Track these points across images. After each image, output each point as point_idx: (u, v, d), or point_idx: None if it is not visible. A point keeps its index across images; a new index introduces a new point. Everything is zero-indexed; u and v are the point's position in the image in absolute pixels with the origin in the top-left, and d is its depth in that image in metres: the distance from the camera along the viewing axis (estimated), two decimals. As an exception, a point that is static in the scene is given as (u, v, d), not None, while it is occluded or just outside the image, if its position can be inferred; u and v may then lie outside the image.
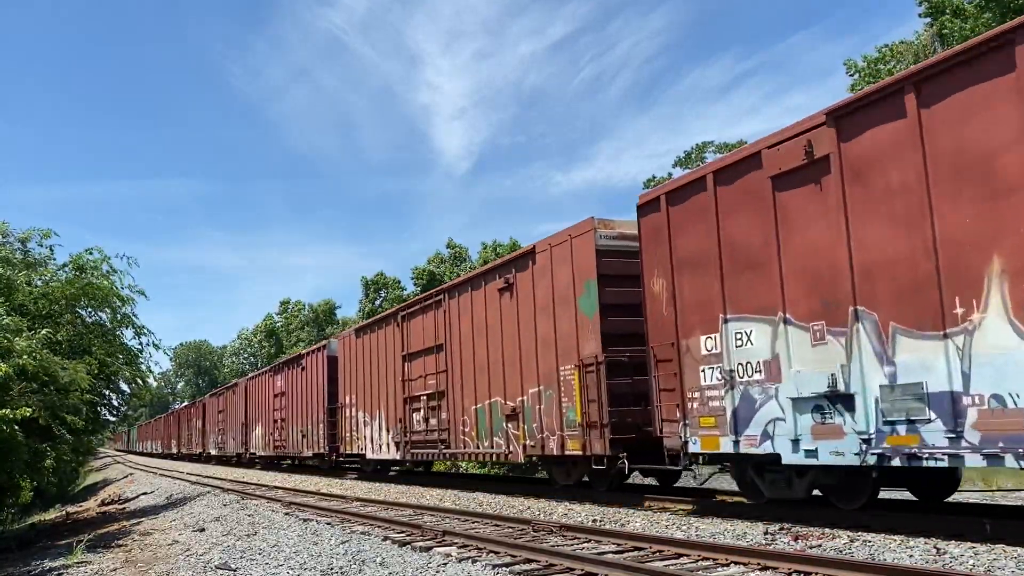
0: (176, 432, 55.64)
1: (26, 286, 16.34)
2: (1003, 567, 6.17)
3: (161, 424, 67.27)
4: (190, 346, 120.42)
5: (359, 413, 21.59)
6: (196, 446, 46.64)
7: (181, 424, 53.68)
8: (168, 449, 59.51)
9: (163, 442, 63.00)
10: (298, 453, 27.26)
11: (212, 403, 42.87)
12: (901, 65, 24.93)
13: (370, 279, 52.20)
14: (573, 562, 7.31)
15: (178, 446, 53.87)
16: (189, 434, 48.83)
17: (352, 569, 8.04)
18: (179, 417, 55.34)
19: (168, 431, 60.86)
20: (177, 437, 54.47)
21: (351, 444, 22.05)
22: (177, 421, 55.91)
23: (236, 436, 36.15)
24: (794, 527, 8.67)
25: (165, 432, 62.60)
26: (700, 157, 44.41)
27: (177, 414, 56.53)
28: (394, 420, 19.19)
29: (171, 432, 58.46)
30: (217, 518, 13.91)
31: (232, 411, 37.67)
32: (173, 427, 57.91)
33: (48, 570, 10.89)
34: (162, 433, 64.61)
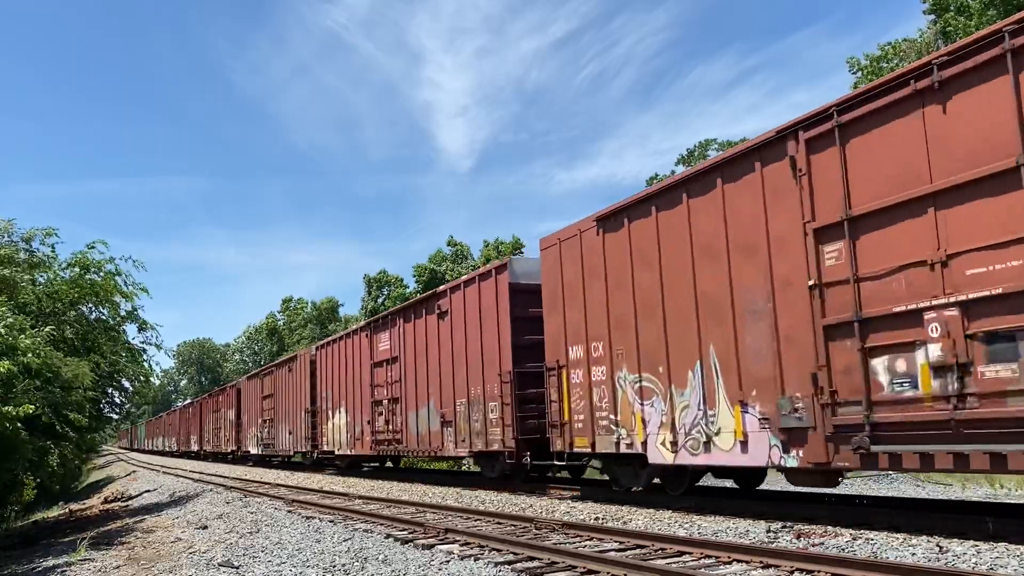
0: (197, 427, 48.92)
1: (31, 285, 16.37)
2: (1005, 565, 6.16)
3: (176, 418, 59.74)
4: (193, 344, 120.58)
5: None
6: (227, 442, 38.83)
7: (205, 416, 46.41)
8: (185, 447, 52.65)
9: (179, 438, 56.02)
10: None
11: (252, 387, 34.94)
12: (904, 63, 24.84)
13: (373, 277, 52.25)
14: (575, 560, 7.31)
15: (199, 443, 47.14)
16: (217, 428, 42.28)
17: (355, 567, 8.04)
18: (201, 409, 47.71)
19: (186, 426, 53.85)
20: (199, 432, 47.87)
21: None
22: (199, 413, 48.47)
23: (293, 430, 29.35)
24: (796, 525, 8.67)
25: (181, 427, 55.56)
26: (703, 154, 44.36)
27: (199, 404, 48.70)
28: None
29: (191, 427, 51.62)
30: (220, 516, 13.93)
31: (289, 397, 30.47)
32: (192, 421, 50.93)
33: (52, 567, 10.92)
34: (177, 428, 57.71)
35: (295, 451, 27.68)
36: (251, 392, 34.35)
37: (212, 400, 43.19)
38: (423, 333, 17.85)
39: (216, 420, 41.20)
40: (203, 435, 44.75)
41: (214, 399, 42.60)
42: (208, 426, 43.84)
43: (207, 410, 44.30)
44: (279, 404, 29.97)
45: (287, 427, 28.73)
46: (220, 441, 39.72)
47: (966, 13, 22.76)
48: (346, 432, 22.72)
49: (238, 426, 35.59)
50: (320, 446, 25.11)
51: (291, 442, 28.11)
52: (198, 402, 47.45)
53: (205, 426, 44.52)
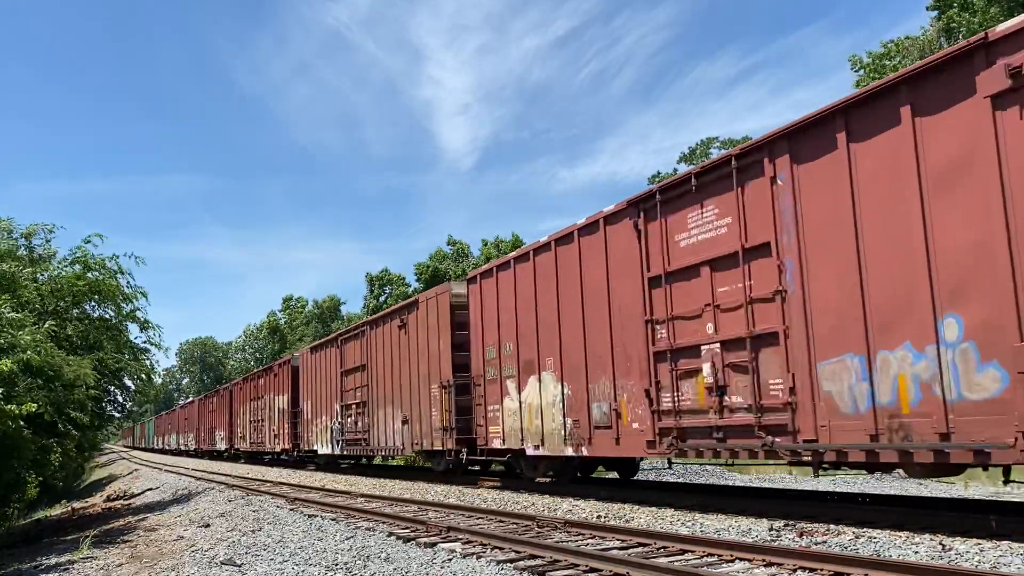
0: (224, 420, 38.55)
1: (32, 282, 16.36)
2: (1009, 563, 6.15)
3: (195, 410, 48.72)
4: (195, 343, 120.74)
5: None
6: (280, 440, 29.67)
7: (237, 406, 36.38)
8: (210, 445, 42.20)
9: (201, 436, 45.78)
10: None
11: (313, 360, 26.58)
12: (907, 61, 24.79)
13: (375, 275, 52.28)
14: (577, 558, 7.30)
15: (228, 440, 37.69)
16: (259, 421, 32.39)
17: (357, 565, 8.04)
18: (232, 397, 37.62)
19: (208, 419, 43.36)
20: (227, 428, 37.96)
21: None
22: (228, 402, 38.25)
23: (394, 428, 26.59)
24: (799, 523, 8.66)
25: (204, 421, 45.09)
26: (705, 153, 44.33)
27: (228, 392, 38.99)
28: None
29: (215, 420, 40.94)
30: (222, 514, 13.94)
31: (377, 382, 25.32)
32: (218, 413, 40.34)
33: (54, 565, 10.93)
34: (196, 423, 48.08)
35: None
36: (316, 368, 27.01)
37: (250, 385, 34.91)
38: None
39: (257, 410, 33.46)
40: (234, 430, 37.21)
41: (251, 383, 34.84)
42: (243, 419, 35.57)
43: (243, 398, 35.62)
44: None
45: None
46: (265, 437, 32.05)
47: (970, 10, 22.70)
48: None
49: (294, 417, 28.43)
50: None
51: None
52: (225, 390, 40.27)
53: (237, 419, 36.61)
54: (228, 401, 37.48)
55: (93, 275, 17.34)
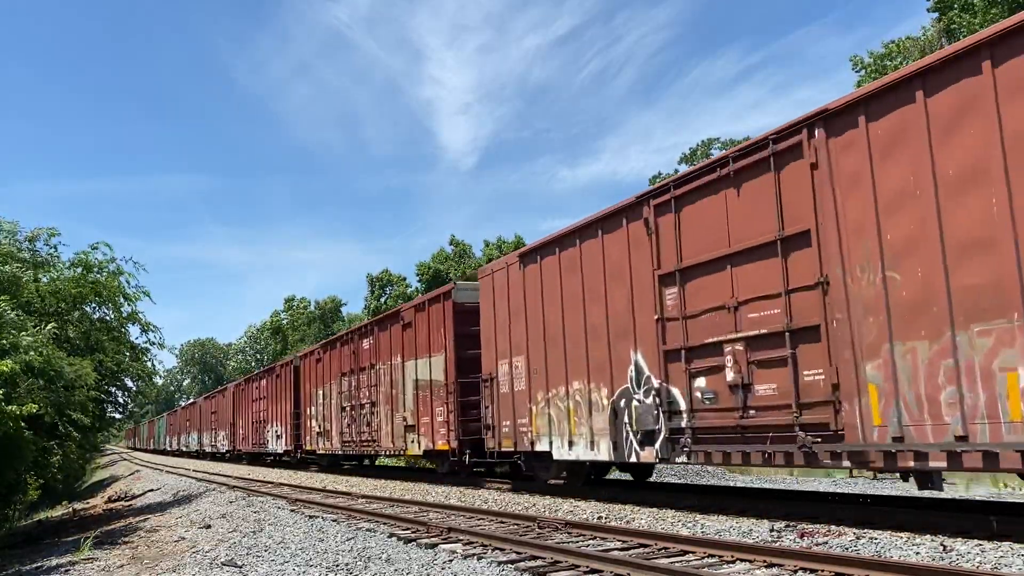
0: (285, 412, 28.54)
1: (33, 284, 16.39)
2: (1010, 564, 6.15)
3: (225, 400, 39.86)
4: (196, 343, 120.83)
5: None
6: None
7: (280, 391, 29.25)
8: (258, 445, 32.53)
9: (235, 434, 37.32)
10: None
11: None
12: (908, 61, 24.79)
13: (375, 276, 52.31)
14: (578, 559, 7.30)
15: (288, 437, 27.93)
16: (326, 413, 24.51)
17: (358, 566, 8.04)
18: (278, 381, 29.77)
19: (248, 412, 34.37)
20: (288, 423, 28.00)
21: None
22: (271, 387, 30.64)
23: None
24: (800, 524, 8.66)
25: (239, 415, 36.54)
26: (705, 153, 44.33)
27: (273, 374, 30.77)
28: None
29: (275, 413, 30.32)
30: (223, 515, 13.94)
31: None
32: (265, 403, 31.40)
33: (55, 566, 10.93)
34: (222, 418, 40.74)
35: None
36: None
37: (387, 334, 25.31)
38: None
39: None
40: (306, 426, 26.83)
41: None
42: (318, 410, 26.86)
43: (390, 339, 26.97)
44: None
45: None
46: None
47: (970, 11, 22.69)
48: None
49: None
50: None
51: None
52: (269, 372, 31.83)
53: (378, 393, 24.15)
54: (287, 385, 28.77)
55: (94, 276, 17.37)
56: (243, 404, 36.10)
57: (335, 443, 23.58)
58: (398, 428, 19.09)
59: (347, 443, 22.46)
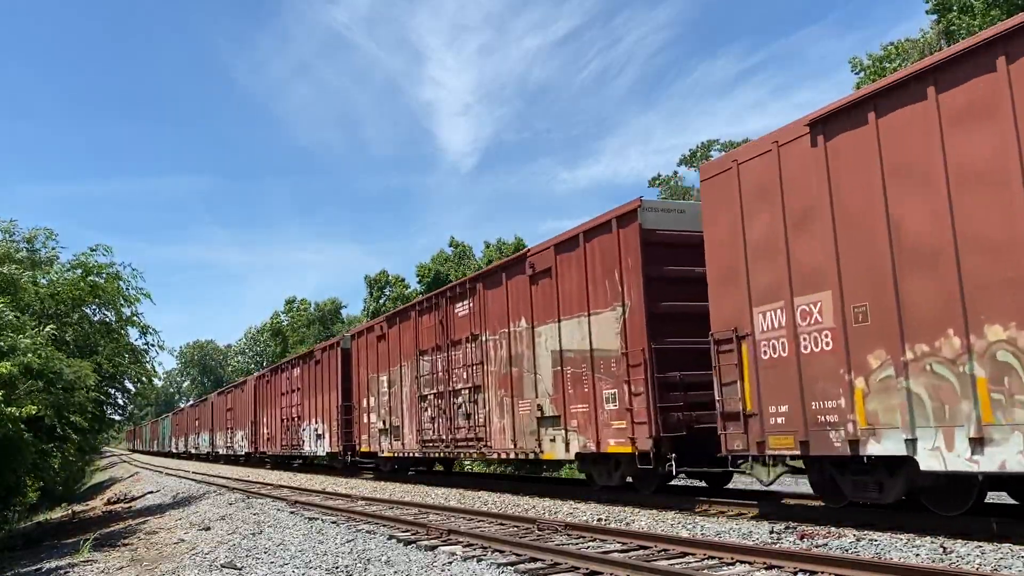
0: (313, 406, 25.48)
1: (32, 286, 16.38)
2: (1009, 566, 6.14)
3: (244, 395, 35.77)
4: (195, 345, 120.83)
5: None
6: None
7: (321, 381, 24.88)
8: (291, 446, 27.92)
9: (256, 433, 33.15)
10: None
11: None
12: (907, 63, 24.82)
13: (374, 277, 52.31)
14: (578, 561, 7.30)
15: (334, 437, 23.24)
16: (394, 405, 19.49)
17: (357, 568, 8.04)
18: (317, 368, 25.40)
19: (275, 408, 30.18)
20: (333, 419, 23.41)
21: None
22: (308, 377, 26.23)
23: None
24: (800, 526, 8.65)
25: (263, 411, 32.38)
26: (705, 155, 44.37)
27: (310, 361, 26.36)
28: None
29: (291, 411, 27.82)
30: (223, 517, 13.93)
31: None
32: (299, 396, 27.02)
33: (55, 568, 10.93)
34: (240, 415, 36.45)
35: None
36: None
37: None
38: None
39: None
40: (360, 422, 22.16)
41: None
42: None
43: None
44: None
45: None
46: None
47: (969, 13, 22.69)
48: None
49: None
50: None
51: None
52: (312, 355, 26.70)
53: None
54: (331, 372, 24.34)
55: (94, 279, 17.38)
56: (268, 399, 31.52)
57: (410, 443, 18.44)
58: (524, 421, 13.79)
59: (430, 443, 17.37)
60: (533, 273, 13.71)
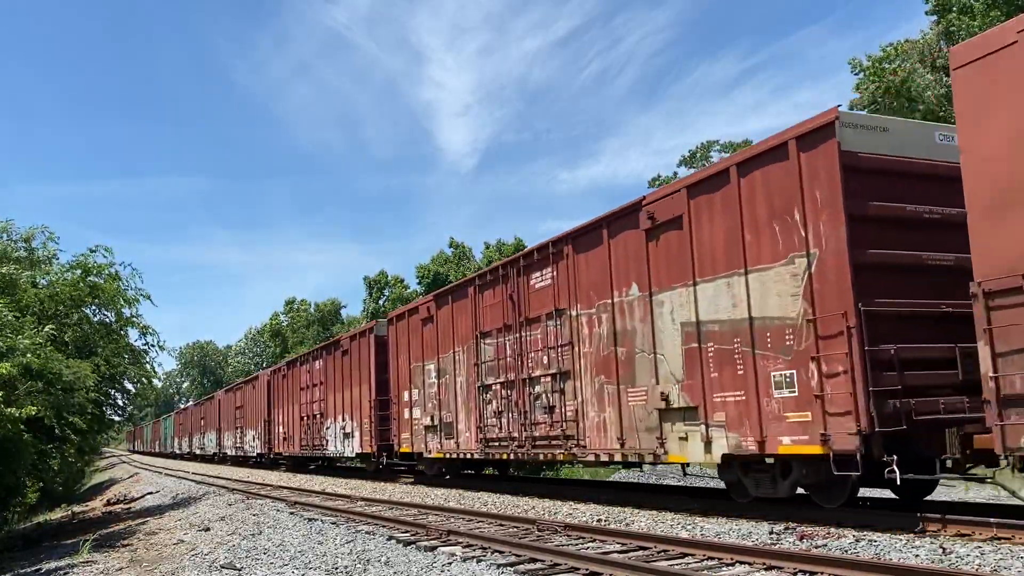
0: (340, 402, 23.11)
1: (31, 287, 16.38)
2: (1009, 567, 6.14)
3: (256, 391, 33.47)
4: (195, 346, 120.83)
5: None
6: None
7: (350, 373, 22.46)
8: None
9: (270, 433, 30.87)
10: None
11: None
12: (907, 64, 24.83)
13: (373, 278, 52.30)
14: (578, 561, 7.30)
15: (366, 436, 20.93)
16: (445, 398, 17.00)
17: (357, 568, 8.04)
18: (345, 360, 22.84)
19: (292, 405, 27.96)
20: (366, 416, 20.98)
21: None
22: (333, 369, 23.92)
23: None
24: (800, 526, 8.65)
25: (278, 409, 30.11)
26: (705, 156, 44.33)
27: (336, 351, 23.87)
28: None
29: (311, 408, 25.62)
30: (222, 518, 13.93)
31: None
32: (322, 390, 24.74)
33: (54, 569, 10.93)
34: (252, 413, 34.05)
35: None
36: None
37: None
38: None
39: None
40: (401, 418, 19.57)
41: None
42: None
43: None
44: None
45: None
46: None
47: (969, 13, 22.71)
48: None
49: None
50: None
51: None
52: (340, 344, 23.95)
53: None
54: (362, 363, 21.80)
55: (93, 280, 17.37)
56: (284, 394, 29.09)
57: (468, 442, 15.85)
58: (637, 414, 10.99)
59: (495, 442, 14.73)
60: (652, 226, 10.68)
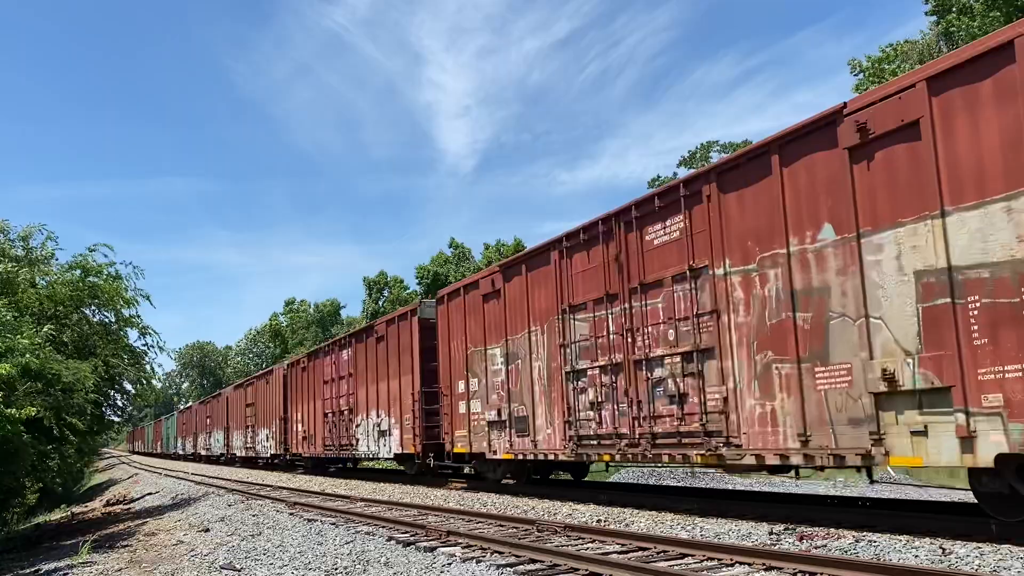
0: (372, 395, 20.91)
1: (30, 287, 16.35)
2: (1009, 567, 6.14)
3: (270, 386, 30.94)
4: (195, 347, 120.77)
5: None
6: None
7: (387, 361, 20.15)
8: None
9: (289, 432, 28.33)
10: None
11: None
12: (907, 65, 24.86)
13: (372, 279, 52.31)
14: (577, 562, 7.29)
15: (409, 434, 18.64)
16: (516, 388, 14.36)
17: (356, 569, 8.04)
18: (379, 347, 20.66)
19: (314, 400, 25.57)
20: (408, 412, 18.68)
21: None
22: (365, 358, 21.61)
23: None
24: (799, 527, 8.65)
25: (296, 405, 27.66)
26: (705, 157, 44.36)
27: (370, 337, 21.55)
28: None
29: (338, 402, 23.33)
30: (222, 518, 13.92)
31: None
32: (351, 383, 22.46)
33: (54, 570, 10.91)
34: (265, 411, 31.69)
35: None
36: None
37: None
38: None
39: None
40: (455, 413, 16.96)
41: None
42: None
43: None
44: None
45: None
46: None
47: (968, 14, 22.74)
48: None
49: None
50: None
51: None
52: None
53: None
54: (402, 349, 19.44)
55: (93, 280, 17.35)
56: (304, 389, 26.72)
57: (549, 440, 13.31)
58: (833, 402, 8.40)
59: (592, 440, 12.17)
60: (861, 141, 8.10)
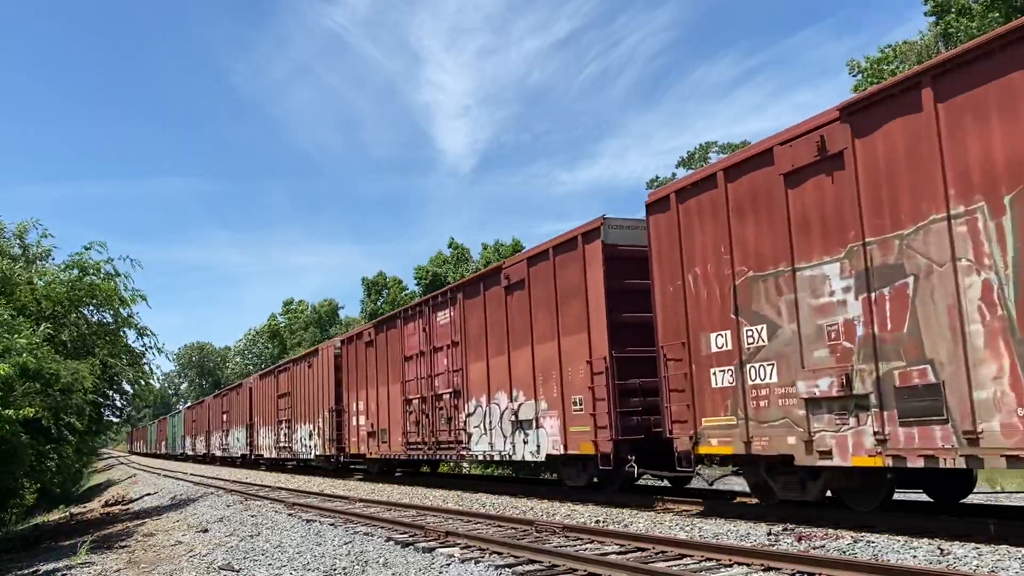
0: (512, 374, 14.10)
1: (28, 287, 16.33)
2: (1007, 568, 6.15)
3: (314, 371, 25.09)
4: (193, 347, 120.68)
5: None
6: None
7: (537, 315, 13.48)
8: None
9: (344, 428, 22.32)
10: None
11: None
12: (905, 65, 24.88)
13: (370, 279, 52.25)
14: (576, 563, 7.29)
15: (602, 427, 11.69)
16: None
17: (355, 570, 8.03)
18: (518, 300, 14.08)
19: (380, 386, 19.73)
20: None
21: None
22: (467, 322, 15.77)
23: None
24: (798, 528, 8.65)
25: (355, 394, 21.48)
26: (704, 157, 44.38)
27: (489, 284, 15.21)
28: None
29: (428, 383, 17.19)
30: (220, 519, 13.92)
31: None
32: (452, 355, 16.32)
33: (52, 570, 10.91)
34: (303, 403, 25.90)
35: None
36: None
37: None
38: None
39: None
40: None
41: None
42: None
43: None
44: None
45: None
46: None
47: (968, 15, 22.75)
48: None
49: None
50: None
51: None
52: None
53: None
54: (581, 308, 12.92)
55: (90, 279, 17.31)
56: (368, 370, 20.61)
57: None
58: None
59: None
60: None
